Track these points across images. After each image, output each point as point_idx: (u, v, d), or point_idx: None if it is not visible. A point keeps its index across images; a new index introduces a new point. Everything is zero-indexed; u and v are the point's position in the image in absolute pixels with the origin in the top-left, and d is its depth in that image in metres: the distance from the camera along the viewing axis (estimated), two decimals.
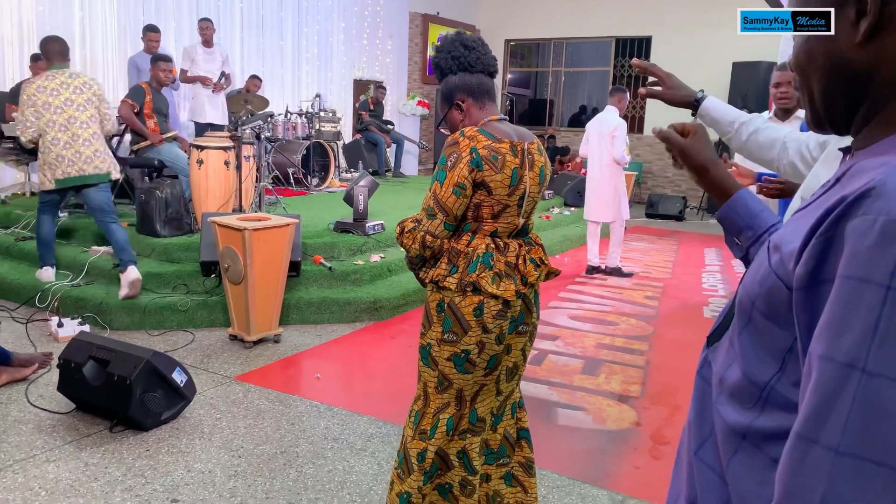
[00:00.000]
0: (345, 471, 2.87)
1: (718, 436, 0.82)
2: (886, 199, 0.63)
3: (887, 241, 0.61)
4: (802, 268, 0.69)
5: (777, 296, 0.73)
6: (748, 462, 0.77)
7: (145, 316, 4.48)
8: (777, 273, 0.73)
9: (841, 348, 0.63)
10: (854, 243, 0.63)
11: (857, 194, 0.65)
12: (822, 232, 0.67)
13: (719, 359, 0.85)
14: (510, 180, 1.96)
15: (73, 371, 3.18)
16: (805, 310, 0.69)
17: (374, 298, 4.91)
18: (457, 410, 2.12)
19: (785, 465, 0.66)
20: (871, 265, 0.62)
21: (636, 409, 3.64)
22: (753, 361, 0.78)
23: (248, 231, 3.99)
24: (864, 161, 0.72)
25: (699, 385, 0.89)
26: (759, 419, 0.76)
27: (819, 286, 0.67)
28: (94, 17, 7.65)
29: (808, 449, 0.64)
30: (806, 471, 0.64)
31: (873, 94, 0.75)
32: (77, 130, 4.62)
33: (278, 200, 6.46)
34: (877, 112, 0.76)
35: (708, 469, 0.84)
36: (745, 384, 0.78)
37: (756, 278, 0.78)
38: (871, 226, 0.62)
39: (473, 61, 2.03)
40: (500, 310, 2.00)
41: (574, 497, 2.75)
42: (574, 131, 13.84)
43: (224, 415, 3.32)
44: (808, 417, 0.65)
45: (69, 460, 2.85)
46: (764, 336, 0.77)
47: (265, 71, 9.60)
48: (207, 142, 5.48)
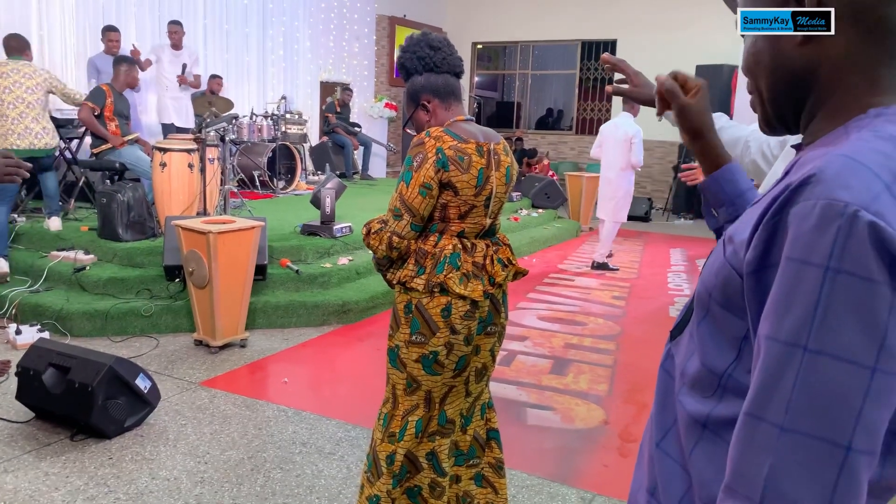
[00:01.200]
0: (313, 475, 2.84)
1: (681, 427, 0.83)
2: (825, 184, 0.65)
3: (825, 224, 0.64)
4: (751, 254, 0.71)
5: (731, 285, 0.75)
6: (709, 450, 0.78)
7: (107, 322, 4.38)
8: (731, 263, 0.76)
9: (784, 328, 0.65)
10: (795, 227, 0.66)
11: (799, 181, 0.68)
12: (769, 219, 0.70)
13: (681, 351, 0.87)
14: (476, 181, 1.96)
15: (33, 379, 3.10)
16: (754, 295, 0.71)
17: (343, 301, 4.88)
18: (426, 412, 2.11)
19: (734, 443, 0.69)
20: (810, 247, 0.64)
21: (604, 407, 3.68)
22: (712, 351, 0.80)
23: (212, 234, 3.94)
24: (810, 153, 0.75)
25: (662, 378, 0.90)
26: (718, 407, 0.78)
27: (766, 270, 0.70)
28: (52, 17, 7.47)
29: (756, 426, 0.66)
30: (753, 448, 0.66)
31: (816, 92, 0.79)
32: (25, 109, 5.13)
33: (244, 203, 6.38)
34: (820, 108, 0.79)
35: (670, 460, 0.85)
36: (704, 374, 0.80)
37: (712, 271, 0.80)
38: (811, 210, 0.65)
39: (439, 62, 2.03)
40: (469, 310, 2.00)
41: (543, 496, 2.77)
42: (541, 134, 13.94)
43: (189, 421, 3.27)
44: (755, 396, 0.67)
45: (28, 470, 2.78)
46: (721, 326, 0.79)
47: (230, 73, 9.49)
48: (171, 144, 5.39)
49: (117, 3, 8.11)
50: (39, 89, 5.24)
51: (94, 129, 5.71)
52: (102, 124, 5.72)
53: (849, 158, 0.67)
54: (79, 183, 6.19)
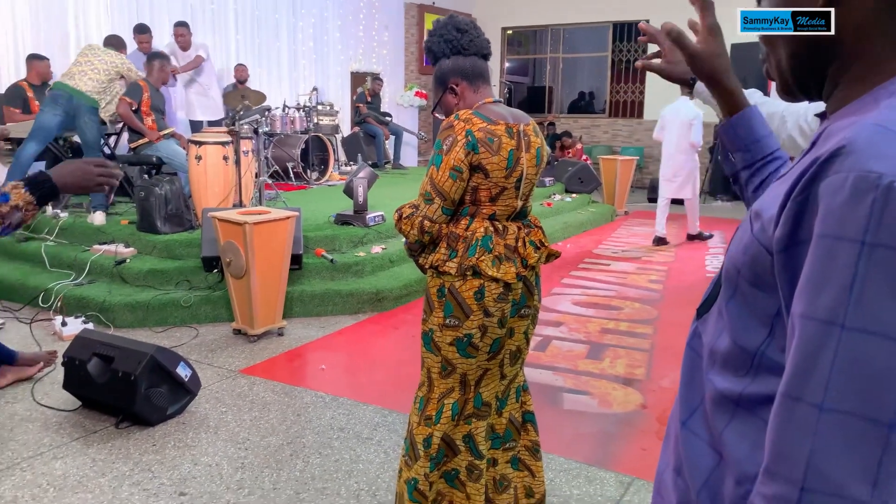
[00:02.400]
0: (351, 460, 2.87)
1: (709, 405, 0.82)
2: (856, 155, 0.63)
3: (859, 197, 0.61)
4: (780, 230, 0.69)
5: (760, 262, 0.74)
6: (743, 428, 0.77)
7: (148, 313, 4.48)
8: (759, 240, 0.74)
9: (820, 306, 0.63)
10: (827, 202, 0.64)
11: (829, 154, 0.65)
12: (797, 194, 0.67)
13: (709, 329, 0.85)
14: (507, 162, 1.94)
15: (78, 368, 3.19)
16: (786, 272, 0.70)
17: (377, 289, 4.91)
18: (461, 395, 2.12)
19: (773, 424, 0.67)
20: (844, 222, 0.62)
21: (642, 391, 3.64)
22: (742, 329, 0.78)
23: (248, 225, 3.99)
24: (836, 123, 0.72)
25: (689, 356, 0.89)
26: (752, 385, 0.76)
27: (797, 247, 0.68)
28: (88, 20, 7.63)
29: (794, 407, 0.65)
30: (793, 430, 0.64)
31: (840, 58, 0.76)
32: (89, 70, 5.64)
33: (278, 195, 6.45)
34: (844, 75, 0.76)
35: (696, 439, 0.84)
36: (736, 352, 0.78)
37: (740, 247, 0.78)
38: (842, 183, 0.63)
39: (466, 44, 2.01)
40: (502, 293, 2.00)
41: (581, 480, 2.76)
42: (574, 117, 13.79)
43: (230, 408, 3.33)
44: (792, 376, 0.65)
45: (76, 457, 2.86)
46: (751, 303, 0.77)
47: (261, 66, 9.58)
48: (205, 137, 5.47)
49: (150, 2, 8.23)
50: (108, 73, 5.70)
51: (132, 123, 5.83)
52: (139, 119, 5.83)
53: (880, 127, 0.64)
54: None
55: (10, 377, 3.53)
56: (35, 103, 6.22)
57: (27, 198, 1.61)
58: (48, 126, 5.43)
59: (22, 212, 1.61)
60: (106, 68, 5.64)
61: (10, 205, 1.58)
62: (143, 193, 5.19)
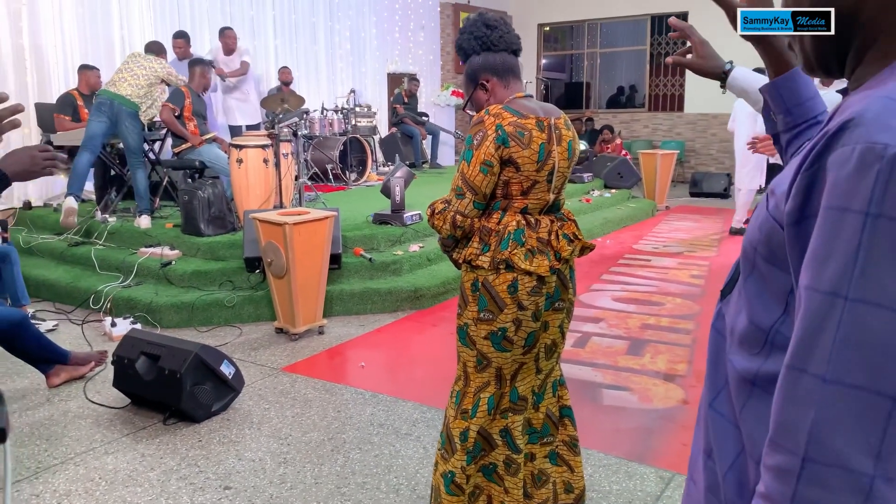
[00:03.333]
0: (391, 455, 2.90)
1: (731, 385, 0.82)
2: (864, 127, 0.63)
3: (865, 168, 0.61)
4: (791, 204, 0.69)
5: (775, 239, 0.74)
6: (759, 408, 0.77)
7: (193, 313, 4.59)
8: (773, 216, 0.74)
9: (824, 278, 0.63)
10: (834, 174, 0.64)
11: (838, 127, 0.65)
12: (807, 167, 0.67)
13: (731, 310, 0.85)
14: (538, 156, 1.95)
15: (127, 367, 3.29)
16: (795, 246, 0.70)
17: (415, 287, 4.95)
18: (497, 389, 2.13)
19: (777, 396, 0.67)
20: (850, 194, 0.62)
21: (683, 387, 3.60)
22: (759, 307, 0.78)
23: (288, 225, 4.06)
24: (851, 98, 0.72)
25: (713, 338, 0.89)
26: (766, 364, 0.76)
27: (806, 221, 0.68)
28: (132, 28, 7.84)
29: (798, 379, 0.65)
30: (796, 400, 0.64)
31: (861, 34, 0.75)
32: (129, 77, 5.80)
33: (318, 196, 6.55)
34: (866, 52, 0.75)
35: (723, 419, 0.84)
36: (752, 330, 0.78)
37: (756, 224, 0.78)
38: (849, 155, 0.63)
39: (496, 40, 2.02)
40: (535, 286, 2.00)
41: (621, 475, 2.74)
42: (613, 112, 13.64)
43: (272, 405, 3.40)
44: (797, 347, 0.65)
45: (126, 452, 2.96)
46: (767, 281, 0.77)
47: (299, 68, 9.72)
48: (246, 141, 5.58)
49: (190, 8, 8.43)
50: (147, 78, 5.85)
51: (175, 128, 5.98)
52: (182, 124, 5.98)
53: (889, 100, 0.64)
54: (163, 182, 6.49)
55: (64, 376, 3.66)
56: (84, 111, 6.42)
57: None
58: (95, 134, 5.62)
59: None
60: (146, 73, 5.79)
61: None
62: (187, 197, 5.32)
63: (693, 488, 0.92)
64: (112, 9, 7.60)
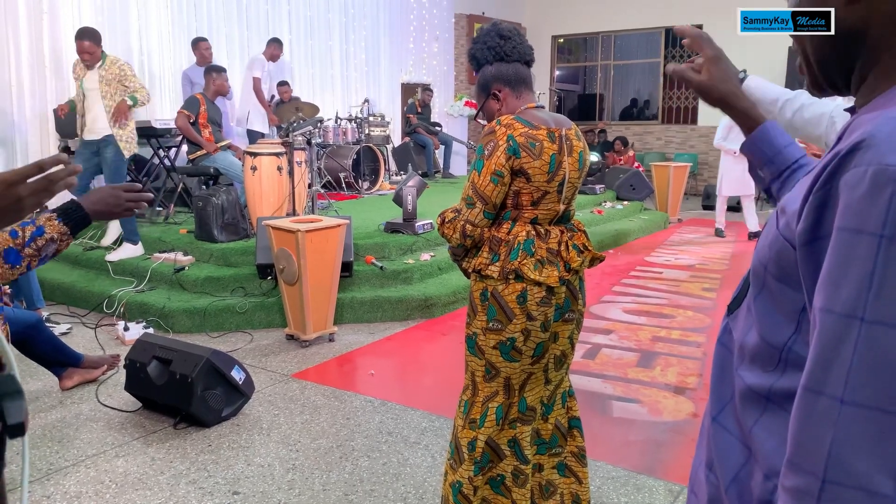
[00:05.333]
0: (399, 463, 2.91)
1: (738, 400, 0.82)
2: (875, 149, 0.63)
3: (878, 190, 0.62)
4: (803, 224, 0.70)
5: (786, 257, 0.74)
6: (772, 423, 0.77)
7: (205, 318, 4.63)
8: (784, 235, 0.74)
9: (840, 299, 0.64)
10: (847, 195, 0.64)
11: (849, 148, 0.65)
12: (819, 188, 0.68)
13: (739, 326, 0.85)
14: (549, 167, 1.96)
15: (139, 371, 3.32)
16: (808, 266, 0.70)
17: (426, 296, 4.96)
18: (505, 399, 2.13)
19: (794, 418, 0.67)
20: (863, 215, 0.62)
21: (693, 400, 3.58)
22: (770, 325, 0.78)
23: (300, 232, 4.09)
24: (862, 117, 0.72)
25: (719, 352, 0.89)
26: (781, 380, 0.76)
27: (819, 241, 0.68)
28: (150, 33, 7.94)
29: (815, 400, 0.65)
30: (814, 422, 0.65)
31: (866, 52, 0.75)
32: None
33: (330, 204, 6.58)
34: (871, 69, 0.76)
35: (727, 434, 0.84)
36: (764, 347, 0.79)
37: (766, 243, 0.79)
38: (862, 177, 0.63)
39: (509, 51, 2.04)
40: (544, 297, 2.00)
41: (629, 488, 2.73)
42: (626, 124, 13.64)
43: (282, 411, 3.41)
44: (813, 369, 0.66)
45: (137, 455, 2.98)
46: (778, 299, 0.77)
47: (315, 78, 9.80)
48: (260, 149, 5.63)
49: (208, 15, 8.52)
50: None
51: (190, 135, 6.04)
52: (197, 131, 6.04)
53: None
54: (177, 189, 6.55)
55: (77, 379, 3.70)
56: None
57: (61, 229, 1.62)
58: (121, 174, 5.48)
59: (57, 243, 1.62)
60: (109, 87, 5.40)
61: (46, 238, 1.60)
62: (201, 203, 5.37)
63: (694, 501, 0.93)
64: (130, 14, 7.70)
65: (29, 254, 1.60)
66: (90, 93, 5.33)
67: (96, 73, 5.29)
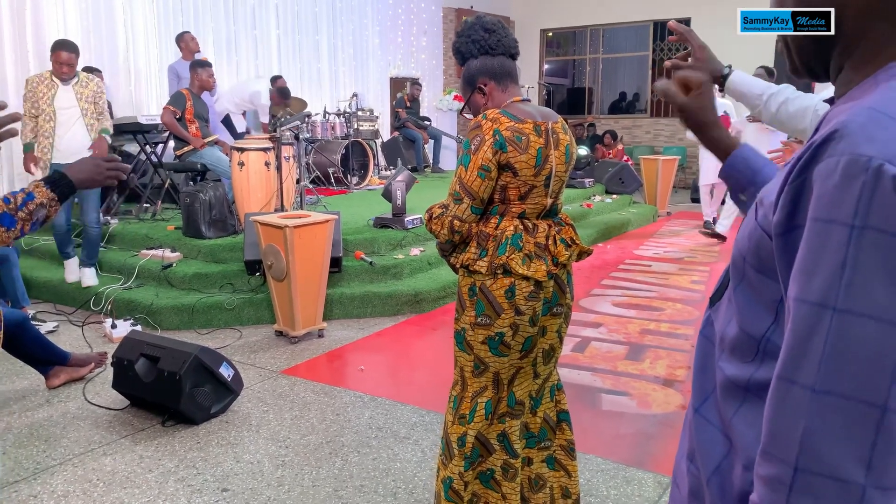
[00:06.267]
0: (389, 458, 2.90)
1: (719, 392, 0.82)
2: (848, 139, 0.63)
3: (849, 180, 0.62)
4: (778, 215, 0.70)
5: (764, 248, 0.74)
6: (751, 414, 0.78)
7: (193, 315, 4.60)
8: (762, 226, 0.75)
9: (812, 289, 0.64)
10: (819, 186, 0.64)
11: (823, 138, 0.66)
12: (793, 178, 0.68)
13: (720, 318, 0.86)
14: (535, 160, 1.95)
15: (126, 368, 3.30)
16: (783, 256, 0.70)
17: (415, 291, 4.95)
18: (494, 394, 2.13)
19: (768, 407, 0.68)
20: (835, 205, 0.63)
21: (682, 392, 3.59)
22: (749, 315, 0.79)
23: (289, 228, 4.07)
24: (837, 108, 0.73)
25: (702, 344, 0.90)
26: (759, 371, 0.77)
27: (793, 232, 0.68)
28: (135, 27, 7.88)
29: (788, 389, 0.65)
30: (787, 411, 0.65)
31: (842, 42, 0.76)
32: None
33: (319, 199, 6.56)
34: (847, 59, 0.76)
35: (709, 425, 0.84)
36: (743, 338, 0.79)
37: (745, 234, 0.79)
38: (834, 167, 0.63)
39: (494, 44, 2.03)
40: (532, 291, 2.00)
41: (619, 480, 2.74)
42: (615, 118, 13.66)
43: (271, 407, 3.40)
44: (786, 359, 0.66)
45: (125, 453, 2.96)
46: (757, 290, 0.78)
47: (303, 73, 9.75)
48: (248, 144, 5.60)
49: (194, 9, 8.45)
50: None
51: (176, 131, 5.99)
52: (184, 127, 5.99)
53: (873, 111, 0.64)
54: (164, 185, 6.51)
55: (64, 377, 3.67)
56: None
57: (49, 195, 1.77)
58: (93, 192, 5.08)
59: (46, 208, 1.77)
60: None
61: (36, 202, 1.75)
62: (189, 199, 5.34)
63: (677, 493, 0.93)
64: (116, 8, 7.63)
65: (22, 217, 1.75)
66: (64, 112, 4.82)
67: (71, 91, 4.86)
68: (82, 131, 4.91)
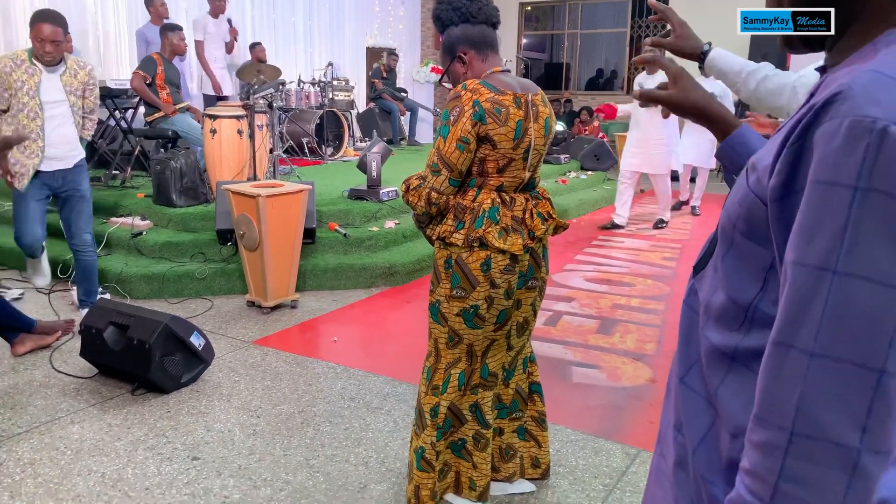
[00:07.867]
0: (361, 428, 2.91)
1: (704, 361, 0.82)
2: (852, 100, 0.63)
3: (853, 142, 0.61)
4: (775, 180, 0.69)
5: (756, 214, 0.74)
6: (738, 383, 0.77)
7: (164, 284, 4.54)
8: (754, 191, 0.74)
9: (812, 252, 0.63)
10: (822, 148, 0.63)
11: (824, 101, 0.65)
12: (793, 141, 0.67)
13: (705, 286, 0.85)
14: (514, 133, 1.94)
15: (95, 337, 3.25)
16: (780, 221, 0.69)
17: (390, 264, 4.94)
18: (468, 365, 2.14)
19: (763, 373, 0.67)
20: (838, 168, 0.62)
21: (651, 366, 3.65)
22: (737, 283, 0.78)
23: (261, 198, 4.02)
24: (835, 73, 0.72)
25: (686, 314, 0.90)
26: (746, 339, 0.77)
27: (792, 196, 0.68)
28: None
29: (785, 354, 0.65)
30: (783, 376, 0.65)
31: (841, 10, 0.75)
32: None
33: (293, 170, 6.48)
34: (847, 27, 0.76)
35: (694, 394, 0.84)
36: (730, 306, 0.79)
37: (736, 200, 0.78)
38: (837, 128, 0.62)
39: (475, 11, 2.00)
40: (508, 265, 2.01)
41: (588, 451, 2.78)
42: (592, 94, 13.64)
43: (242, 377, 3.38)
44: (784, 323, 0.65)
45: (93, 422, 2.93)
46: (746, 257, 0.77)
47: (277, 38, 9.56)
48: (220, 111, 5.49)
49: None
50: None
51: (147, 97, 5.85)
52: (154, 93, 5.85)
53: (877, 73, 0.64)
54: (134, 151, 6.37)
55: (30, 345, 3.60)
56: None
57: None
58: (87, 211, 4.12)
59: None
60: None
61: None
62: (159, 167, 5.23)
63: (662, 463, 0.93)
64: None
65: None
66: (52, 106, 3.76)
67: (58, 80, 3.77)
68: (73, 132, 3.90)
